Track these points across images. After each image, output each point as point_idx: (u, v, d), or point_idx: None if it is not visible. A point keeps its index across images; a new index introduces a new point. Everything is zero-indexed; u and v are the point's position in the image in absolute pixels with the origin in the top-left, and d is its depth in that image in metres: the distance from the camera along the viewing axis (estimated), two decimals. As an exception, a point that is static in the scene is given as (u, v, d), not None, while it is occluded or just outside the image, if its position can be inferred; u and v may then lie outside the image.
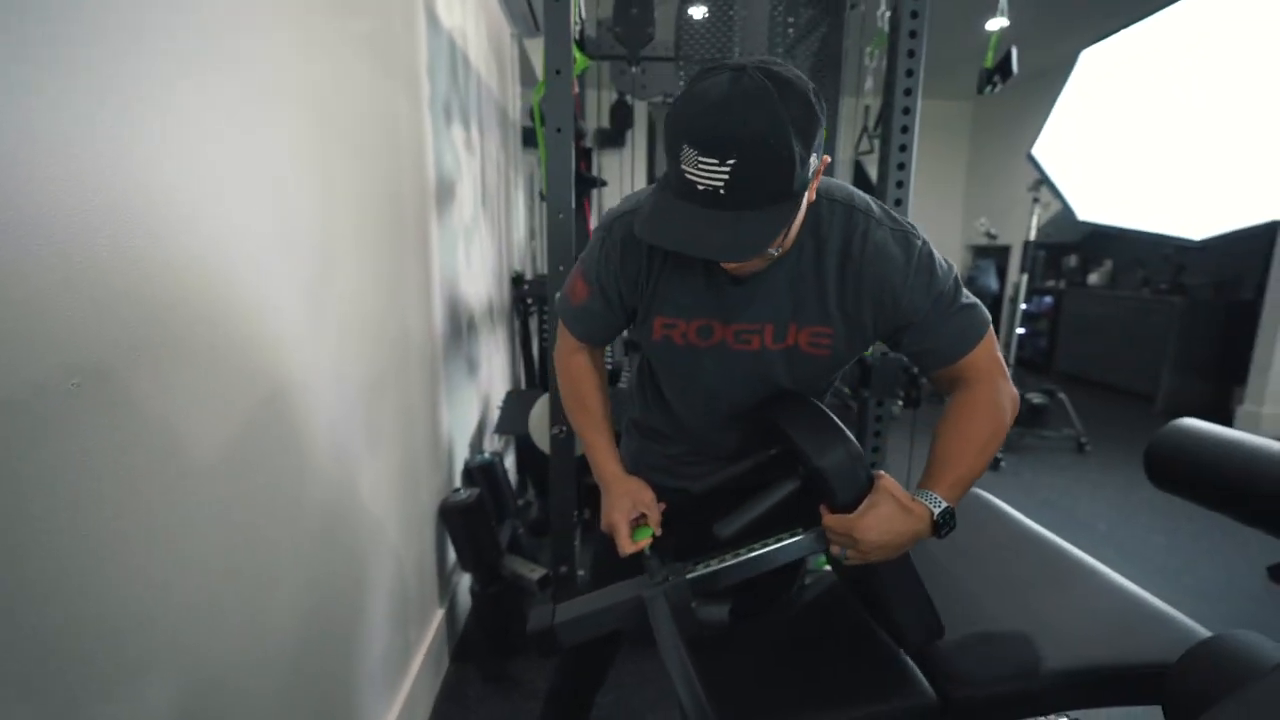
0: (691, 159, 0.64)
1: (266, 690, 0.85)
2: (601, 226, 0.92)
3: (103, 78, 0.55)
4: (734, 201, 0.65)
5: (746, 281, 0.84)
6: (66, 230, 0.51)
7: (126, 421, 0.58)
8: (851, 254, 0.82)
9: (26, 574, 0.49)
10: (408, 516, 1.43)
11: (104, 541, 0.56)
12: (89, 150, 0.53)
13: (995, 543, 1.08)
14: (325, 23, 1.00)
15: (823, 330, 0.86)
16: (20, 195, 0.47)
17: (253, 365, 0.79)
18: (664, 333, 0.91)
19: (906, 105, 1.58)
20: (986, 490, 1.24)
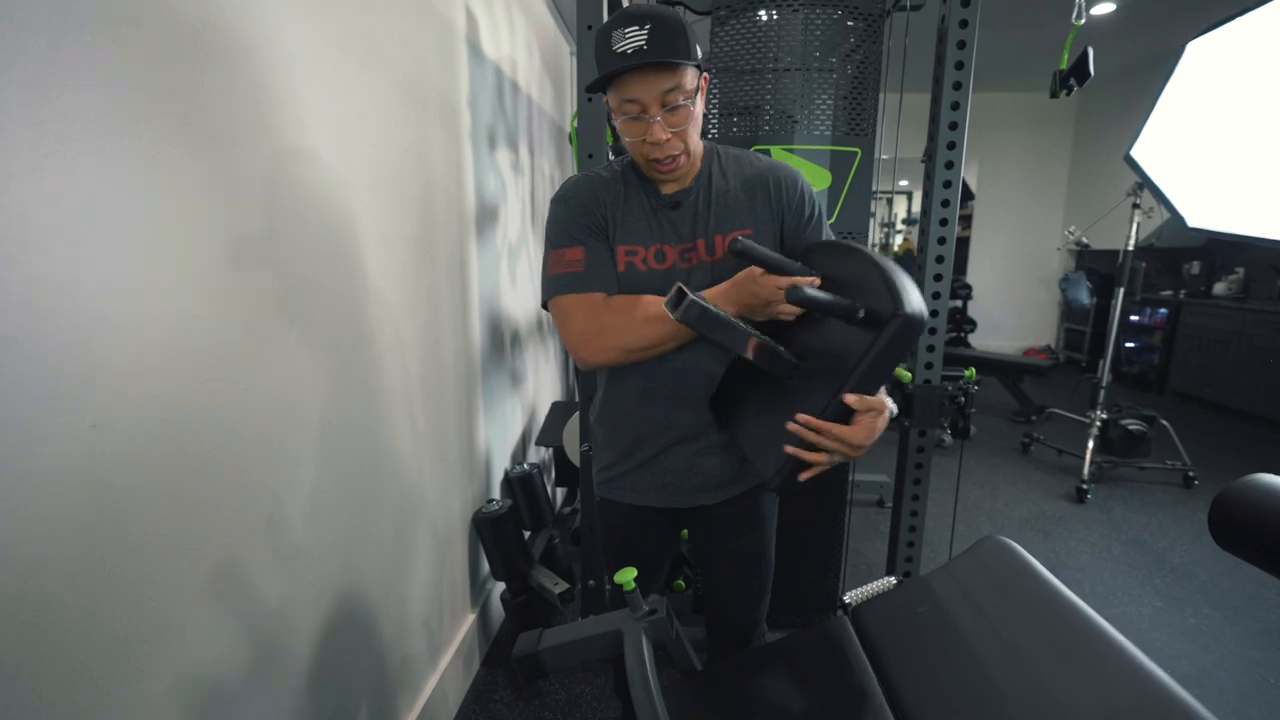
0: (620, 36, 0.84)
1: (290, 666, 0.93)
2: (555, 199, 1.02)
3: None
4: (655, 53, 0.83)
5: (680, 204, 0.98)
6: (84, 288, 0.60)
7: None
8: (747, 175, 1.00)
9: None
10: (439, 524, 1.52)
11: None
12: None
13: (1015, 603, 0.99)
14: (357, 72, 1.08)
15: (744, 232, 0.98)
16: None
17: (280, 378, 0.88)
18: (627, 260, 0.98)
19: (952, 140, 1.48)
20: (1058, 526, 1.15)
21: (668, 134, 0.88)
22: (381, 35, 1.18)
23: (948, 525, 2.64)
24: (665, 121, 0.87)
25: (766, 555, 1.18)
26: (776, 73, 1.53)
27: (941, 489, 2.88)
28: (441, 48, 1.46)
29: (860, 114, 1.54)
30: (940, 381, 1.63)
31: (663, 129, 0.87)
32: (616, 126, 0.92)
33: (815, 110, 1.52)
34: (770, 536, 1.18)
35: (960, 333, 6.17)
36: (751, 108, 1.56)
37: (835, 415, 0.81)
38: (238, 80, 0.81)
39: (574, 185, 1.01)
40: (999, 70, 5.36)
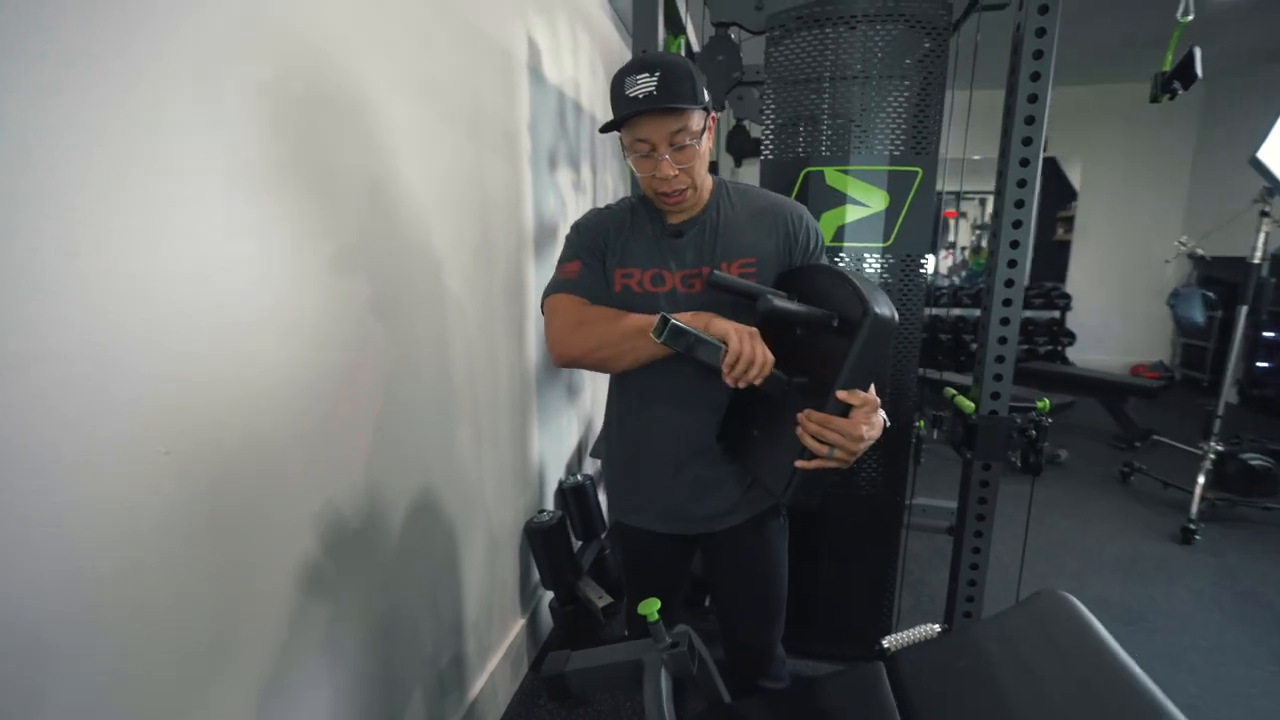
0: (632, 81, 0.91)
1: (345, 658, 1.02)
2: (571, 230, 1.11)
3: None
4: (664, 98, 0.90)
5: (684, 233, 1.05)
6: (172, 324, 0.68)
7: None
8: (753, 207, 1.08)
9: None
10: (490, 532, 1.59)
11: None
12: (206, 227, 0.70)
13: (1066, 666, 0.92)
14: (419, 108, 1.16)
15: (747, 260, 1.04)
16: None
17: (336, 387, 0.96)
18: (623, 283, 1.06)
19: (1025, 157, 1.38)
20: (1157, 569, 1.06)
21: (675, 170, 0.96)
22: (441, 74, 1.26)
23: (1028, 559, 2.45)
24: (673, 159, 0.95)
25: (776, 578, 1.22)
26: (835, 81, 1.48)
27: (1020, 520, 2.69)
28: (501, 78, 1.53)
29: (923, 133, 1.47)
30: (1009, 412, 1.52)
31: (670, 166, 0.95)
32: (629, 162, 1.00)
33: (873, 129, 1.47)
34: (780, 560, 1.22)
35: (1056, 346, 5.71)
36: (808, 117, 1.52)
37: (833, 412, 0.89)
38: (344, 125, 0.99)
39: (585, 217, 1.12)
40: (1108, 61, 4.91)
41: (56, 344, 0.59)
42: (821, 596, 1.78)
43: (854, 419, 0.88)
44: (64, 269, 0.59)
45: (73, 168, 0.60)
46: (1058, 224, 6.31)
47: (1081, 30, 4.20)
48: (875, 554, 1.74)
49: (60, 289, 0.59)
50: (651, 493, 1.13)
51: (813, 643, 1.83)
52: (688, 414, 1.08)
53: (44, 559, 0.59)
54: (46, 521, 0.59)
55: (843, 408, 0.88)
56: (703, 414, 1.08)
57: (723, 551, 1.19)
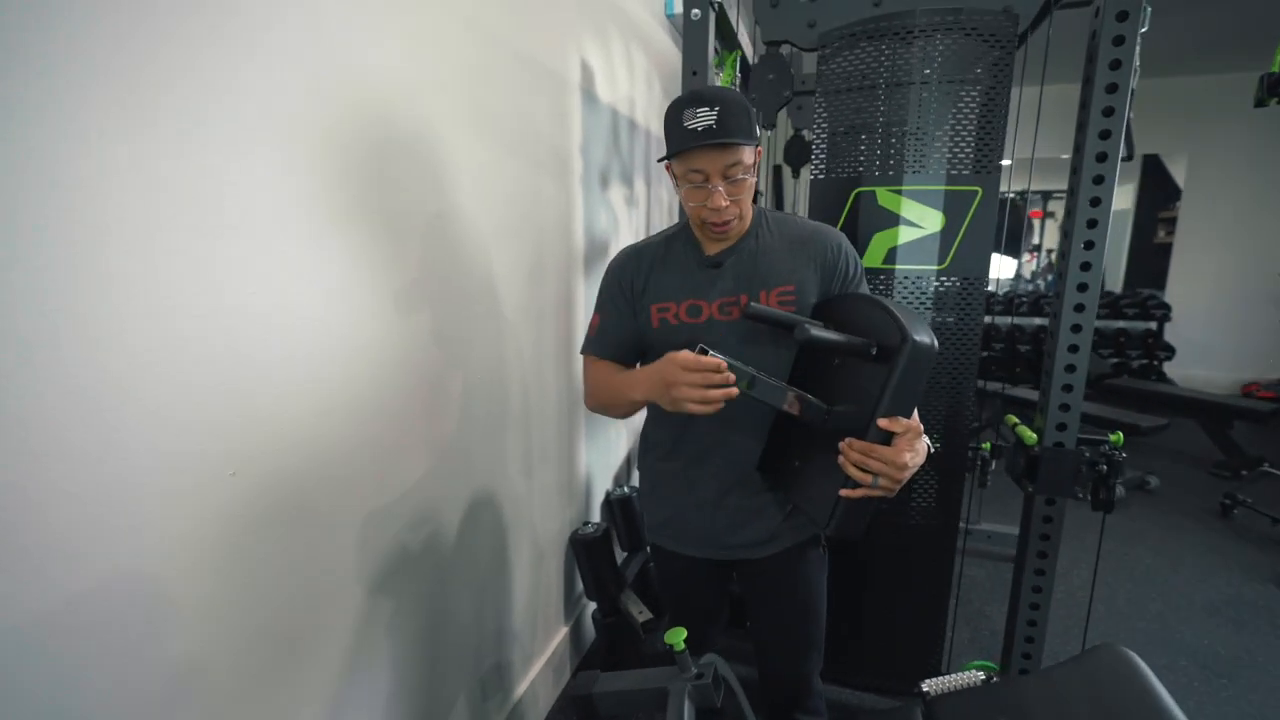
0: (691, 114, 0.93)
1: (380, 687, 1.08)
2: (605, 273, 1.15)
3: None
4: (724, 131, 0.93)
5: (720, 264, 1.06)
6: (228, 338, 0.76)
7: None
8: (793, 236, 1.08)
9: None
10: (536, 542, 1.64)
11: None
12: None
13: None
14: (476, 140, 1.22)
15: (786, 288, 1.05)
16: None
17: (396, 407, 1.03)
18: (660, 317, 1.07)
19: (1103, 151, 1.29)
20: (1259, 616, 0.98)
21: (727, 201, 0.98)
22: (496, 105, 1.31)
23: (1105, 597, 2.28)
24: (725, 191, 0.97)
25: (815, 609, 1.21)
26: (889, 99, 1.43)
27: (1103, 552, 2.50)
28: (554, 103, 1.57)
29: (985, 150, 1.40)
30: (1077, 444, 1.42)
31: (723, 197, 0.97)
32: (679, 192, 1.02)
33: (929, 147, 1.41)
34: (819, 591, 1.20)
35: (1152, 360, 5.25)
36: (860, 136, 1.48)
37: (875, 440, 0.89)
38: (407, 163, 1.07)
39: (619, 256, 1.15)
40: (1218, 50, 4.48)
41: (151, 369, 0.67)
42: (867, 627, 1.72)
43: (897, 446, 0.88)
44: (163, 304, 0.67)
45: (171, 214, 0.68)
46: (1158, 225, 5.80)
47: (1188, 18, 3.85)
48: (925, 584, 1.67)
49: (157, 320, 0.67)
50: (689, 519, 1.14)
51: (856, 674, 1.78)
52: (729, 444, 1.09)
53: (125, 554, 0.67)
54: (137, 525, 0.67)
55: (885, 435, 0.89)
56: (744, 443, 1.09)
57: (761, 579, 1.19)
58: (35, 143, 0.57)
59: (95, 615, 0.65)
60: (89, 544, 0.64)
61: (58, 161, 0.59)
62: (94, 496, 0.64)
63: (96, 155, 0.62)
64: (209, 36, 0.72)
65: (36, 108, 0.57)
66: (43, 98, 0.57)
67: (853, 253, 1.10)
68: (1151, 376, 5.21)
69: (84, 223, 0.61)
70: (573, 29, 1.67)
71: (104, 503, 0.65)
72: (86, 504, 0.63)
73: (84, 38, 0.60)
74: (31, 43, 0.56)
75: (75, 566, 0.63)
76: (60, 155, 0.59)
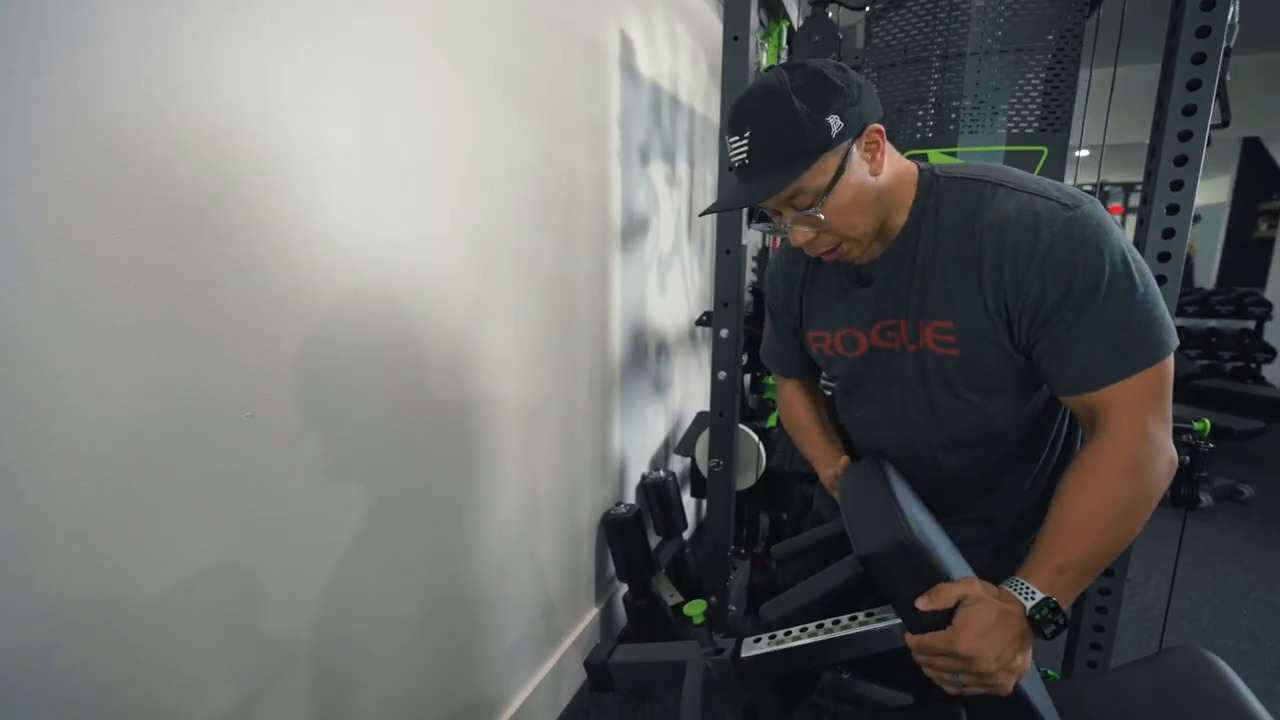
0: (729, 144, 0.75)
1: (404, 643, 1.08)
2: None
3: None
4: (758, 167, 0.72)
5: (872, 280, 0.83)
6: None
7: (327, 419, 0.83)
8: (973, 230, 0.73)
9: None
10: (563, 522, 1.62)
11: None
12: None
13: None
14: (500, 106, 1.21)
15: (944, 325, 0.77)
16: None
17: (418, 374, 1.02)
18: (817, 347, 0.93)
19: (1187, 129, 1.15)
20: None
21: (808, 235, 0.77)
22: (528, 71, 1.29)
23: (1190, 612, 2.08)
24: (801, 224, 0.76)
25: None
26: (945, 54, 1.33)
27: (1187, 564, 2.28)
28: (591, 73, 1.54)
29: (1053, 106, 1.28)
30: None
31: (800, 234, 0.78)
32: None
33: (987, 104, 1.30)
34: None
35: (1249, 363, 4.79)
36: (910, 95, 1.38)
37: (924, 628, 0.66)
38: (452, 128, 1.00)
39: (773, 260, 1.00)
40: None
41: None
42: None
43: (954, 631, 0.62)
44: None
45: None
46: (1259, 218, 5.31)
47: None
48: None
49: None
50: None
51: (896, 669, 1.67)
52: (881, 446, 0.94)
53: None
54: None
55: (936, 619, 0.64)
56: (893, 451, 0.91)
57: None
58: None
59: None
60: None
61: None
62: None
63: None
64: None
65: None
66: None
67: (1066, 259, 0.67)
68: (1247, 380, 4.76)
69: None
70: (615, 4, 1.64)
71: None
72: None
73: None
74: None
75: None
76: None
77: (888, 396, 0.88)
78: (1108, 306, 0.67)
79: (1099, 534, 0.66)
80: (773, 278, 0.99)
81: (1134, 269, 0.67)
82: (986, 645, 0.61)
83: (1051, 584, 0.65)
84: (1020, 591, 0.65)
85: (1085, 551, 0.66)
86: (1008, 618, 0.63)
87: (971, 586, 0.64)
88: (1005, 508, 0.90)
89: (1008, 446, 0.86)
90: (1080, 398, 0.71)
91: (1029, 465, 0.88)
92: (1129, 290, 0.67)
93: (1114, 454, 0.68)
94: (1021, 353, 0.75)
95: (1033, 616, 0.63)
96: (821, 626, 0.78)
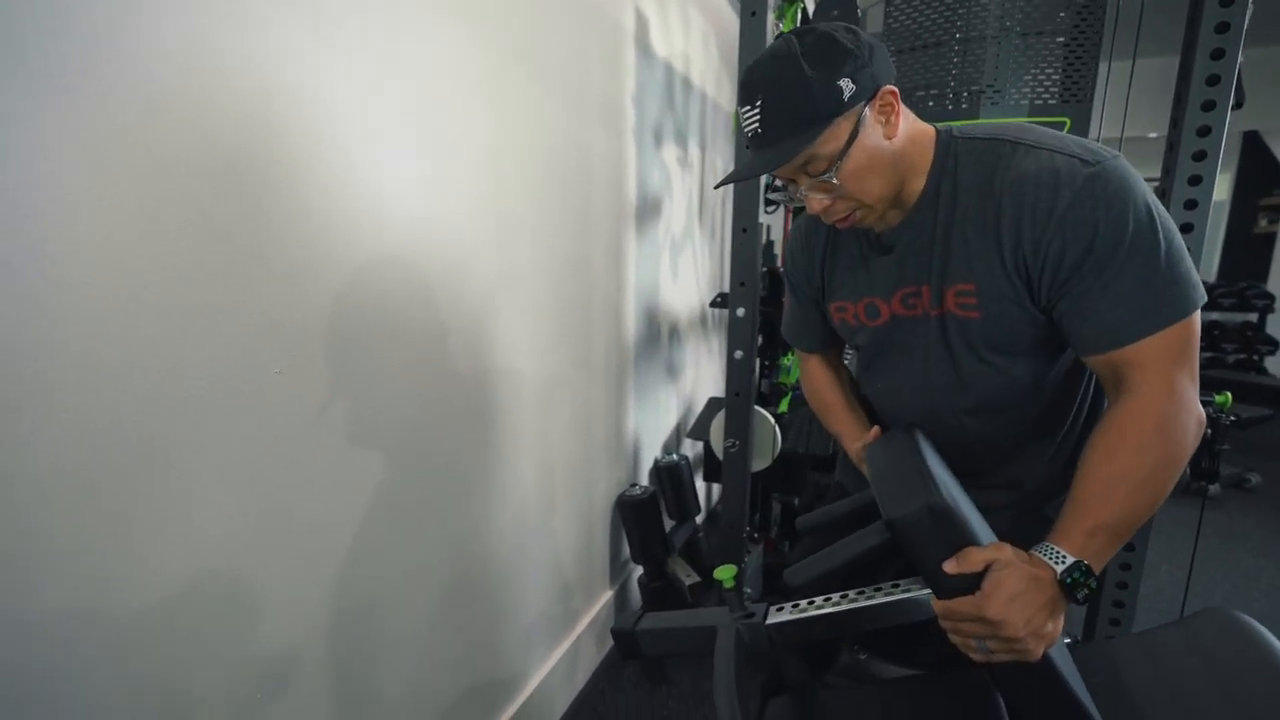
0: (741, 114, 0.73)
1: (423, 619, 1.07)
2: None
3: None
4: (770, 135, 0.71)
5: (894, 248, 0.81)
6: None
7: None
8: (991, 190, 0.72)
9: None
10: (578, 502, 1.61)
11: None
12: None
13: (1231, 692, 0.75)
14: (518, 79, 1.20)
15: (965, 287, 0.76)
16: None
17: (436, 350, 1.01)
18: (839, 317, 0.93)
19: (1206, 124, 1.15)
20: None
21: (823, 202, 0.76)
22: (546, 45, 1.28)
23: (1203, 595, 2.08)
24: (816, 189, 0.75)
25: None
26: (966, 42, 1.33)
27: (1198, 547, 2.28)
28: (607, 51, 1.54)
29: (1076, 75, 1.27)
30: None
31: (816, 200, 0.76)
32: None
33: (1007, 72, 1.30)
34: None
35: (1251, 355, 4.79)
36: (934, 85, 1.38)
37: (952, 592, 0.64)
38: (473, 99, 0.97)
39: (793, 232, 0.99)
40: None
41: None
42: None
43: (983, 596, 0.60)
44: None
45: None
46: (1259, 213, 5.31)
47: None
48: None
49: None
50: None
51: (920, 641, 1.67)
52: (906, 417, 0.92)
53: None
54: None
55: (964, 584, 0.62)
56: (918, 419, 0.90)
57: None
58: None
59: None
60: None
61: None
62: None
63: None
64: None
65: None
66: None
67: (1087, 216, 0.65)
68: (1250, 372, 4.76)
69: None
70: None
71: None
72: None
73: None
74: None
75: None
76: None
77: (911, 364, 0.88)
78: (1131, 262, 0.65)
79: (1128, 495, 0.65)
80: (793, 250, 0.98)
81: (1159, 224, 0.66)
82: (1016, 610, 0.59)
83: (1083, 547, 0.63)
84: (1050, 556, 0.64)
85: (1115, 513, 0.65)
86: (1038, 582, 0.61)
87: (1001, 551, 0.62)
88: (1031, 472, 0.90)
89: (1033, 410, 0.85)
90: (1104, 356, 0.70)
91: (1055, 429, 0.88)
92: (1153, 246, 0.65)
93: (1141, 413, 0.66)
94: (1043, 313, 0.74)
95: (1064, 581, 0.61)
96: (846, 597, 0.77)
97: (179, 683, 0.70)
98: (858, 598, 0.76)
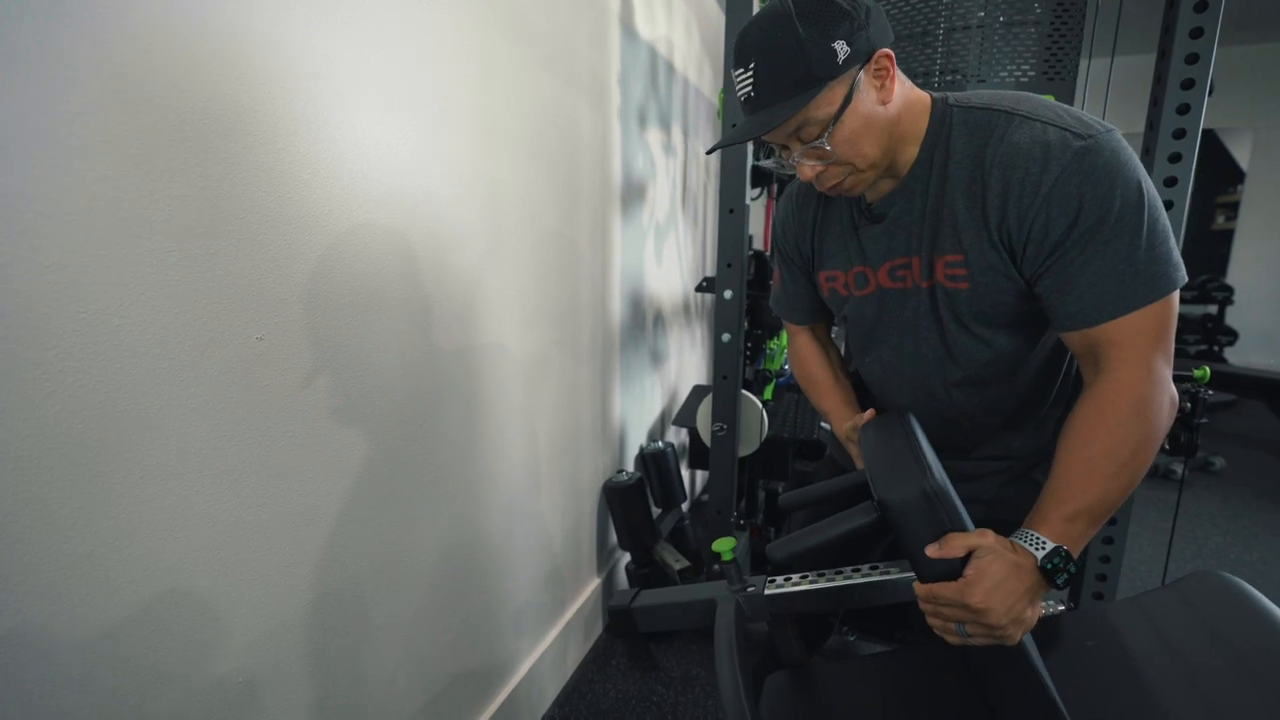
0: (735, 78, 0.73)
1: (409, 604, 1.04)
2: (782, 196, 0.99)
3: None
4: (764, 99, 0.71)
5: (884, 217, 0.81)
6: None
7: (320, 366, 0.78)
8: (983, 161, 0.71)
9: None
10: (565, 487, 1.58)
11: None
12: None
13: (1230, 651, 0.76)
14: (505, 50, 1.17)
15: (954, 259, 0.75)
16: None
17: (420, 323, 0.98)
18: (829, 286, 0.92)
19: (1181, 127, 1.18)
20: None
21: (816, 168, 0.75)
22: (533, 14, 1.25)
23: (1173, 572, 2.13)
24: (809, 155, 0.75)
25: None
26: (951, 31, 1.33)
27: (1165, 528, 2.35)
28: (594, 28, 1.51)
29: (1058, 51, 1.29)
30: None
31: (809, 166, 0.75)
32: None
33: (992, 55, 1.31)
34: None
35: (1212, 346, 4.97)
36: (919, 75, 1.38)
37: (934, 577, 0.64)
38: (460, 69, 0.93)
39: (784, 201, 0.97)
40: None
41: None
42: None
43: (966, 583, 0.60)
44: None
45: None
46: (1217, 211, 5.50)
47: (1258, -25, 3.62)
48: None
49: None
50: None
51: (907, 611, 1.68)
52: (896, 390, 0.93)
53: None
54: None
55: (946, 568, 0.62)
56: (907, 394, 0.91)
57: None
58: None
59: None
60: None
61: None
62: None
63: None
64: None
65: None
66: None
67: (1071, 189, 0.65)
68: (1212, 363, 4.93)
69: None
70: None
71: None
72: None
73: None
74: None
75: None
76: None
77: (900, 336, 0.88)
78: (1114, 240, 0.65)
79: (1107, 479, 0.65)
80: (784, 219, 0.97)
81: (1146, 201, 0.65)
82: (998, 598, 0.59)
83: (1063, 533, 0.64)
84: (1030, 543, 0.64)
85: (1094, 497, 0.65)
86: (1020, 571, 0.61)
87: (984, 538, 0.63)
88: (1020, 440, 0.91)
89: (1022, 383, 0.86)
90: (1082, 333, 0.69)
91: (1042, 400, 0.88)
92: (1137, 225, 0.65)
93: (1118, 395, 0.66)
94: (1029, 286, 0.74)
95: (1044, 567, 0.62)
96: (840, 573, 0.78)
97: (158, 669, 0.66)
98: (852, 574, 0.77)
